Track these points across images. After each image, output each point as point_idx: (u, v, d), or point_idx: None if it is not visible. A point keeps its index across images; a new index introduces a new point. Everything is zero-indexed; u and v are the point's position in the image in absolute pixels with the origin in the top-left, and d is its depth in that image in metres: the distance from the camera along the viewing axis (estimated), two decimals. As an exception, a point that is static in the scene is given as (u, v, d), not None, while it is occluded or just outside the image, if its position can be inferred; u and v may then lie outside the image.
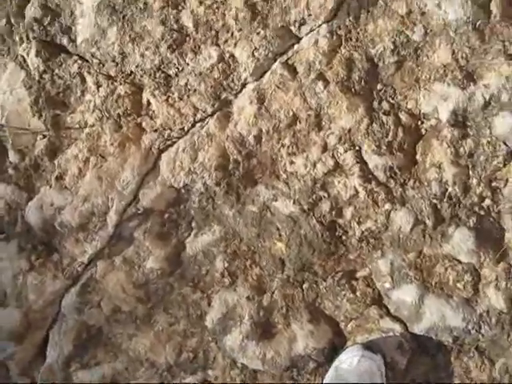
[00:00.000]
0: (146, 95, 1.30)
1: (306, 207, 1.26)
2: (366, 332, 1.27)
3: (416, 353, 1.27)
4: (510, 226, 1.30)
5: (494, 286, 1.28)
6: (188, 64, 1.30)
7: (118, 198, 1.27)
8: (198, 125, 1.29)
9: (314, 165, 1.27)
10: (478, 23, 1.34)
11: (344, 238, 1.27)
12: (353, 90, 1.29)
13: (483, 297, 1.28)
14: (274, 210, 1.27)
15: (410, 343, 1.26)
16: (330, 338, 1.26)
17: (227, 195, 1.27)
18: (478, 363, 1.27)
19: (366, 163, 1.28)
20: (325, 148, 1.27)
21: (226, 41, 1.30)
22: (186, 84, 1.30)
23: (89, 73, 1.32)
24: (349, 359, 1.22)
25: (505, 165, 1.31)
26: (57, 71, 1.33)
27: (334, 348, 1.27)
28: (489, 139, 1.30)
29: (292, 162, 1.27)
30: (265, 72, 1.30)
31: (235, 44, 1.30)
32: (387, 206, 1.27)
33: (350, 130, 1.28)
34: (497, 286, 1.28)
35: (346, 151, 1.27)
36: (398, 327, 1.26)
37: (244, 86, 1.30)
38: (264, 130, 1.28)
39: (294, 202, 1.26)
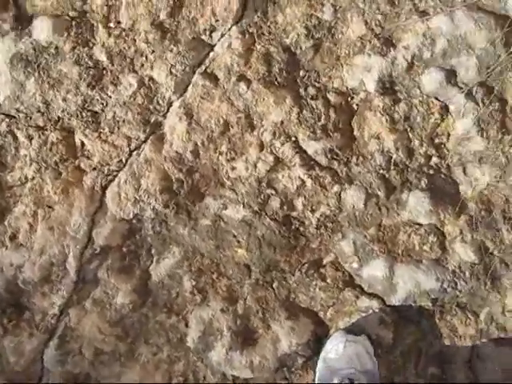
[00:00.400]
0: (78, 137, 1.31)
1: (256, 208, 1.26)
2: (346, 315, 1.26)
3: (400, 324, 1.27)
4: (462, 177, 1.30)
5: (459, 240, 1.28)
6: (111, 97, 1.30)
7: (73, 243, 1.27)
8: (135, 153, 1.29)
9: (255, 165, 1.27)
10: (384, -11, 1.34)
11: (301, 229, 1.27)
12: (276, 83, 1.29)
13: (452, 253, 1.28)
14: (227, 219, 1.27)
15: (390, 316, 1.26)
16: (312, 329, 1.26)
17: (178, 215, 1.27)
18: (462, 319, 1.27)
19: (305, 151, 1.28)
20: (262, 146, 1.27)
21: (142, 65, 1.30)
22: (114, 116, 1.30)
23: (18, 128, 1.32)
24: (334, 347, 1.22)
25: (442, 119, 1.31)
26: (-13, 135, 1.33)
27: (319, 338, 1.26)
28: (421, 98, 1.31)
29: (233, 168, 1.27)
30: (187, 86, 1.30)
31: (151, 66, 1.30)
32: (336, 188, 1.27)
33: (282, 123, 1.28)
34: (463, 240, 1.28)
35: (282, 144, 1.27)
36: (375, 303, 1.26)
37: (170, 105, 1.30)
38: (199, 143, 1.28)
39: (243, 206, 1.26)
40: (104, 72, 1.31)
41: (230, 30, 1.31)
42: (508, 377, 1.25)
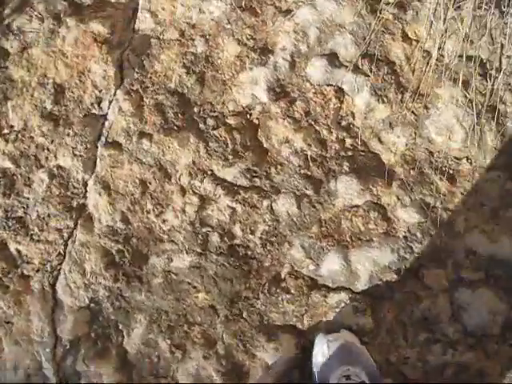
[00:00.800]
0: (12, 246, 1.32)
1: (199, 250, 1.28)
2: (323, 317, 1.27)
3: (375, 306, 1.27)
4: (380, 147, 1.33)
5: (400, 206, 1.29)
6: (28, 198, 1.32)
7: (42, 348, 1.27)
8: (70, 242, 1.31)
9: (183, 210, 1.28)
10: (242, 3, 1.38)
11: (249, 252, 1.28)
12: (175, 127, 1.32)
13: (397, 221, 1.29)
14: (176, 270, 1.28)
15: (363, 302, 1.27)
16: (296, 342, 1.26)
17: (130, 284, 1.28)
18: (431, 277, 1.28)
19: (224, 180, 1.30)
20: (183, 191, 1.29)
21: (46, 158, 1.33)
22: (38, 215, 1.32)
23: (-45, 260, 1.33)
24: (319, 352, 1.22)
25: (341, 102, 1.34)
26: None
27: (305, 349, 1.27)
28: (313, 90, 1.33)
29: (164, 221, 1.29)
30: (94, 162, 1.32)
31: (55, 156, 1.32)
32: (266, 203, 1.28)
33: (194, 162, 1.30)
34: (403, 205, 1.29)
35: (201, 181, 1.29)
36: (344, 295, 1.27)
37: (85, 184, 1.32)
38: (125, 210, 1.30)
39: (187, 253, 1.28)
40: (14, 177, 1.33)
41: (115, 95, 1.34)
42: (494, 315, 1.26)
